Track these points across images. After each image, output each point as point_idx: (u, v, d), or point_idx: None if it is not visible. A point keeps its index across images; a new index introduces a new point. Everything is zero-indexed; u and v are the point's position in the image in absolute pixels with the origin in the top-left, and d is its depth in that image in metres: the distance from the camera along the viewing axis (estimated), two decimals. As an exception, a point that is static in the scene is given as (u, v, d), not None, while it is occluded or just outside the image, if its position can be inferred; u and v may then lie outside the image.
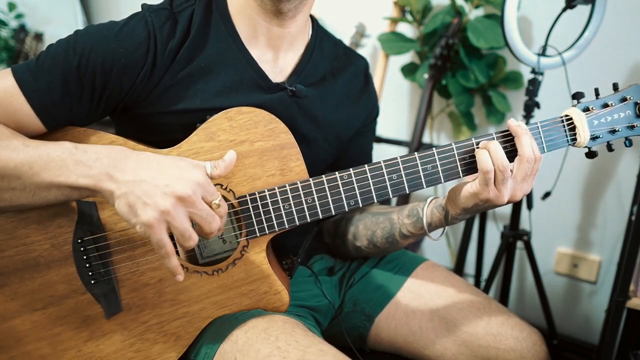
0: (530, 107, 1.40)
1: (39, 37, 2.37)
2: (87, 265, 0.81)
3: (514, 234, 1.56)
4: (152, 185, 0.69)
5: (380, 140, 1.86)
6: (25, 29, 2.40)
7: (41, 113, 0.78)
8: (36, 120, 0.78)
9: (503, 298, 1.68)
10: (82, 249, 0.81)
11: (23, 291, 0.81)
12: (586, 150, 0.88)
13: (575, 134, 0.85)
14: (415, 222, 0.93)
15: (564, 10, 1.34)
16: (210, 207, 0.73)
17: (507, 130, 0.83)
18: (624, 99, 0.86)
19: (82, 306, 0.83)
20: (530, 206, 1.55)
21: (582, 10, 1.36)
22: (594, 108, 0.85)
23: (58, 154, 0.71)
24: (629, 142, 0.88)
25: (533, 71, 1.39)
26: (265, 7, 0.84)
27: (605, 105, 0.86)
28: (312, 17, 0.97)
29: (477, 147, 0.82)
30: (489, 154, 0.79)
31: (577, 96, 0.86)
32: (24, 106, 0.76)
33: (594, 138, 0.86)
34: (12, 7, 2.33)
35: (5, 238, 0.80)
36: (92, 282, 0.81)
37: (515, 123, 0.81)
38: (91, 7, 2.52)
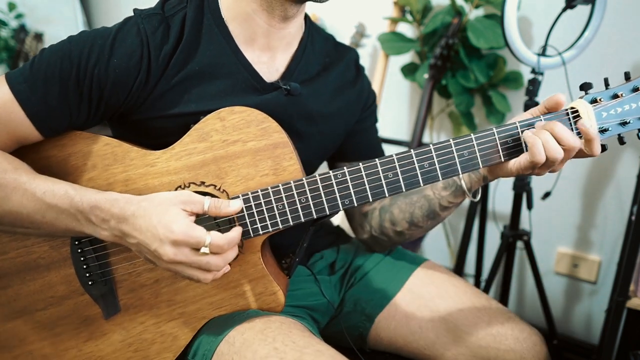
0: (530, 107, 1.39)
1: (39, 37, 2.37)
2: (85, 266, 0.81)
3: (514, 234, 1.56)
4: (147, 249, 0.73)
5: (380, 140, 1.85)
6: (25, 29, 2.40)
7: (39, 123, 0.77)
8: (33, 130, 0.78)
9: (503, 298, 1.68)
10: (79, 250, 0.81)
11: (25, 292, 0.82)
12: None
13: None
14: (455, 192, 0.92)
15: (564, 10, 1.34)
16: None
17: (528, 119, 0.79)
18: (635, 89, 0.80)
19: (82, 307, 0.83)
20: (530, 206, 1.54)
21: (582, 10, 1.36)
22: (602, 99, 0.80)
23: (66, 207, 0.75)
24: None
25: (533, 71, 1.38)
26: (272, 12, 0.84)
27: (615, 96, 0.80)
28: (305, 14, 0.97)
29: (522, 133, 0.78)
30: (556, 139, 0.75)
31: (584, 87, 0.81)
32: (21, 116, 0.76)
33: (602, 131, 0.80)
34: (12, 7, 2.33)
35: (7, 240, 0.82)
36: (90, 283, 0.82)
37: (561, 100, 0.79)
38: (91, 7, 2.52)
